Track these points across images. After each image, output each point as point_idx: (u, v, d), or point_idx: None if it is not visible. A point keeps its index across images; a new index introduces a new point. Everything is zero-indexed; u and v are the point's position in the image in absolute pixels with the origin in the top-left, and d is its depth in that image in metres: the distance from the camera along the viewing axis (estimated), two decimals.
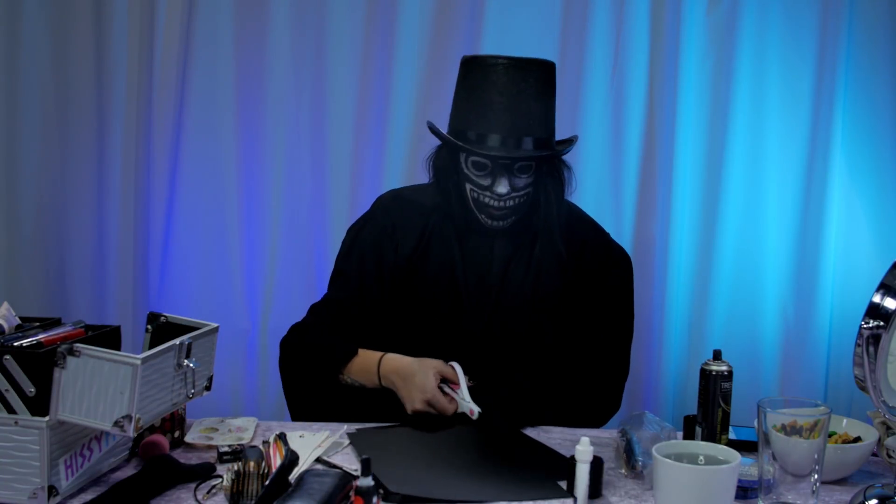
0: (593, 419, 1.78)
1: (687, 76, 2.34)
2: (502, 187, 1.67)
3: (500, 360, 1.74)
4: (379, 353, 1.69)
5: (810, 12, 2.33)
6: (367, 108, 2.39)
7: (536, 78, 1.69)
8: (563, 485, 1.36)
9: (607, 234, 1.88)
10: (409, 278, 1.76)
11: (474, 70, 1.71)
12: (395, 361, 1.67)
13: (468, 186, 1.71)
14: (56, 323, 1.47)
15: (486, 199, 1.70)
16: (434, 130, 1.76)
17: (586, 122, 2.37)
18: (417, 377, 1.62)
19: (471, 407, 1.59)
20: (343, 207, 2.39)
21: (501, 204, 1.69)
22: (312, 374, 1.74)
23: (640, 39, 2.36)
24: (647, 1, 2.35)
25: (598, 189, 2.38)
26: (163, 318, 1.51)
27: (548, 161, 1.73)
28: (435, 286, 1.75)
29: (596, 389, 1.78)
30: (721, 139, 2.37)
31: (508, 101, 1.66)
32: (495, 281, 1.75)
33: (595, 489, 1.32)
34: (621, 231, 2.38)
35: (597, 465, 1.31)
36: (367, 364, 1.69)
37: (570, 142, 1.80)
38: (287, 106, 2.39)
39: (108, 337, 1.45)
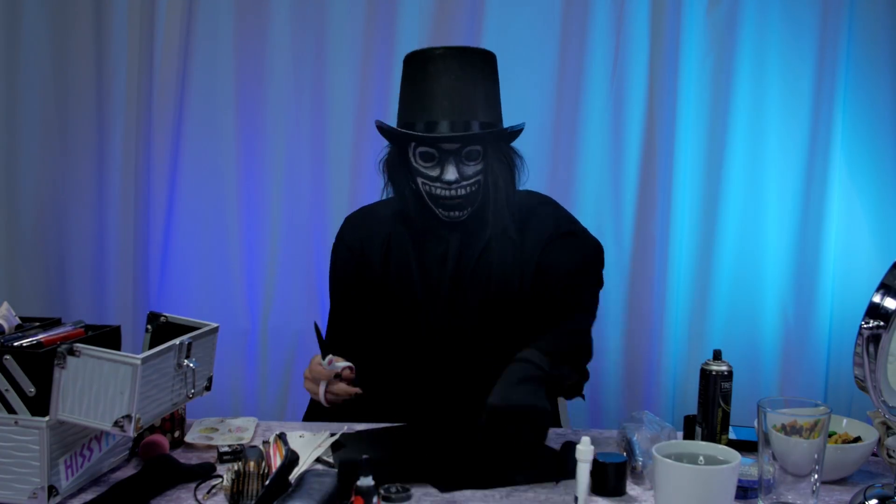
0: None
1: (687, 76, 2.34)
2: (450, 174, 1.64)
3: (462, 359, 1.72)
4: None
5: (810, 12, 2.33)
6: (367, 108, 2.39)
7: (474, 64, 1.67)
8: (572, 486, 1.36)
9: (574, 224, 1.80)
10: (377, 289, 1.77)
11: (414, 63, 1.70)
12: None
13: (420, 181, 1.68)
14: (56, 323, 1.47)
15: (438, 191, 1.66)
16: (380, 126, 1.72)
17: (586, 122, 2.37)
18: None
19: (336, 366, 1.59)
20: (343, 207, 2.38)
21: (452, 192, 1.66)
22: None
23: (640, 39, 2.36)
24: (647, 1, 2.35)
25: (598, 189, 2.39)
26: (163, 318, 1.51)
27: (494, 145, 1.69)
28: (395, 293, 1.75)
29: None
30: (721, 139, 2.37)
31: (448, 88, 1.64)
32: (448, 282, 1.74)
33: (619, 488, 1.34)
34: (621, 231, 2.38)
35: (620, 466, 1.34)
36: None
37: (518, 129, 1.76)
38: (287, 106, 2.39)
39: (108, 337, 1.45)
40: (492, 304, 1.72)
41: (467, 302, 1.73)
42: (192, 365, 1.40)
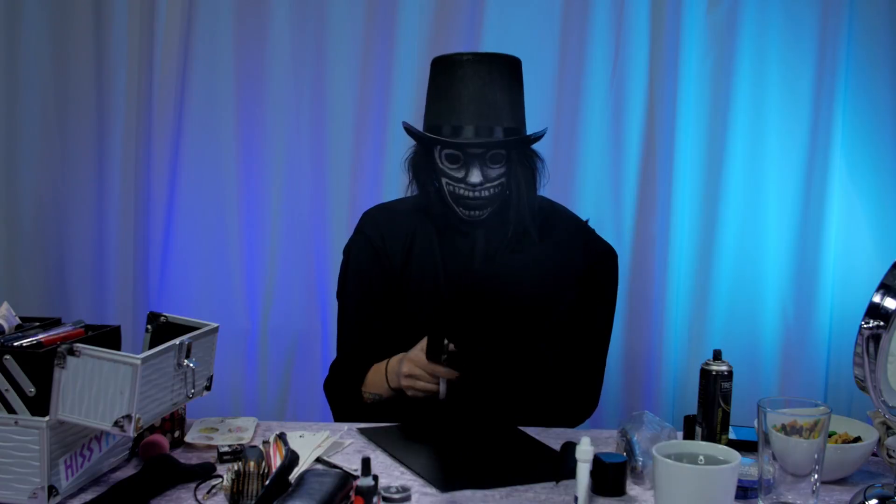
0: (568, 418, 1.80)
1: (687, 76, 2.34)
2: (475, 177, 1.72)
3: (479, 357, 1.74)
4: (385, 360, 1.76)
5: (810, 12, 2.33)
6: (367, 108, 2.39)
7: (502, 71, 1.74)
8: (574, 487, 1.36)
9: (591, 230, 1.88)
10: (400, 283, 1.80)
11: (442, 68, 1.77)
12: (394, 358, 1.75)
13: (444, 181, 1.75)
14: (56, 323, 1.47)
15: (462, 191, 1.74)
16: (408, 129, 1.80)
17: (586, 122, 2.37)
18: (404, 358, 1.71)
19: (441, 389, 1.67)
20: (343, 207, 2.39)
21: (476, 194, 1.73)
22: (348, 404, 1.82)
23: (640, 39, 2.36)
24: (647, 1, 2.35)
25: (598, 189, 2.39)
26: (163, 318, 1.51)
27: (518, 149, 1.76)
28: (419, 287, 1.79)
29: (572, 387, 1.81)
30: (721, 139, 2.37)
31: (476, 94, 1.71)
32: (472, 277, 1.78)
33: (619, 488, 1.34)
34: (621, 231, 2.38)
35: (620, 466, 1.35)
36: (377, 372, 1.77)
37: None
38: (287, 106, 2.39)
39: (108, 337, 1.45)
40: (513, 301, 1.75)
41: (489, 297, 1.75)
42: (192, 365, 1.40)
